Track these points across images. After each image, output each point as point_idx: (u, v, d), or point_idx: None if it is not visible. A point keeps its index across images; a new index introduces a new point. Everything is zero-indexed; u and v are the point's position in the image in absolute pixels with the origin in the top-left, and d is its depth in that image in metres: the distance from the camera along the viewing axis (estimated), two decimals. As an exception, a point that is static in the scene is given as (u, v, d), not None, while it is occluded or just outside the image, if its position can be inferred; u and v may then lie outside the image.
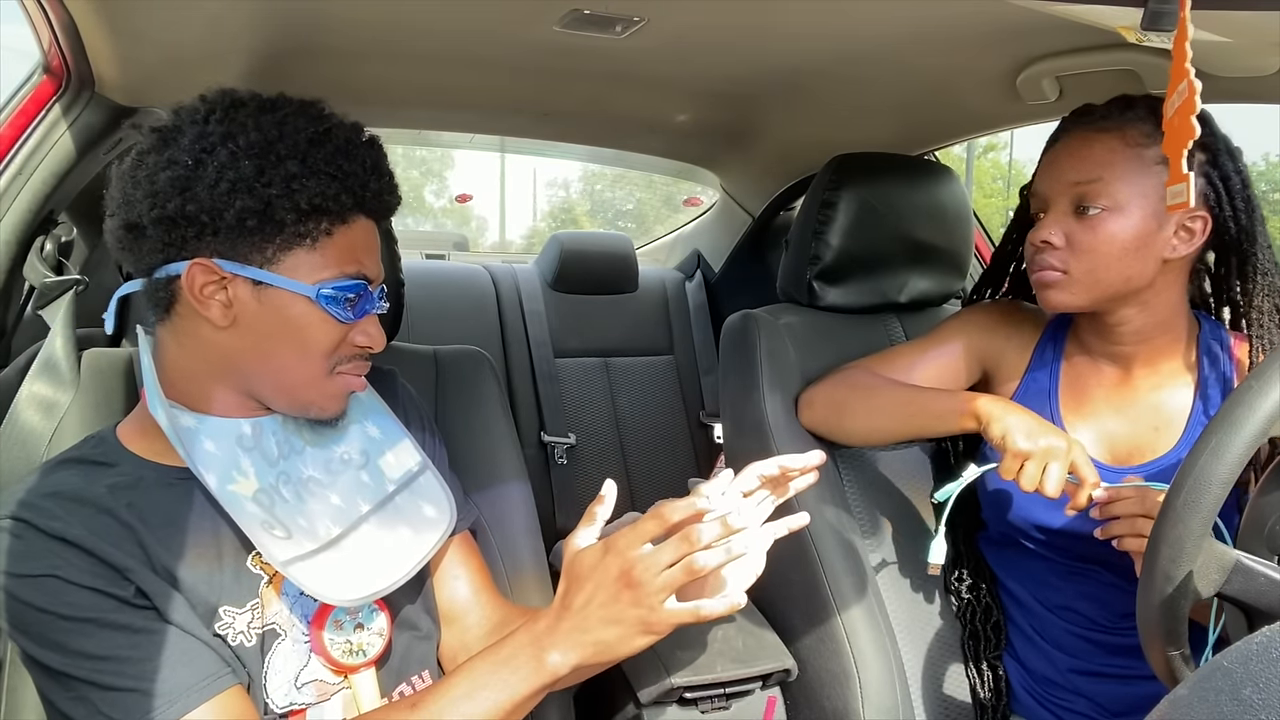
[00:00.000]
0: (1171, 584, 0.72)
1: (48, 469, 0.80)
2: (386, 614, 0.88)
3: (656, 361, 2.35)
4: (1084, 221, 1.01)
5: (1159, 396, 1.06)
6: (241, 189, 0.75)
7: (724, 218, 2.40)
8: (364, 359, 0.87)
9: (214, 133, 0.77)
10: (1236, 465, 0.70)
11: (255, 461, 0.83)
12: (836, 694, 1.13)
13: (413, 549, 0.88)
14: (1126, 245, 1.00)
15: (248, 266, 0.78)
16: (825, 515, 1.19)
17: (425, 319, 2.05)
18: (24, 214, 1.13)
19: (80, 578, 0.73)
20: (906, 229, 1.36)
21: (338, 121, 0.82)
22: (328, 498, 0.86)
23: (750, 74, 1.47)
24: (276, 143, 0.77)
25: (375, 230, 0.86)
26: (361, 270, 0.83)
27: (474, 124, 1.96)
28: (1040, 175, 1.07)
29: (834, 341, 1.34)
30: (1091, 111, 1.05)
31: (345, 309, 0.82)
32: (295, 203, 0.77)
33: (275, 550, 0.79)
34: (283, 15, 1.19)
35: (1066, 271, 1.02)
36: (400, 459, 0.93)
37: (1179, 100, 0.65)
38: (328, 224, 0.80)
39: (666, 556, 0.72)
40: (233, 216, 0.76)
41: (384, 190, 0.84)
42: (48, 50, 1.13)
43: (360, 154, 0.81)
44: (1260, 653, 0.44)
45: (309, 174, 0.77)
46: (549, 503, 2.10)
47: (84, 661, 0.72)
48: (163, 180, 0.76)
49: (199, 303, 0.79)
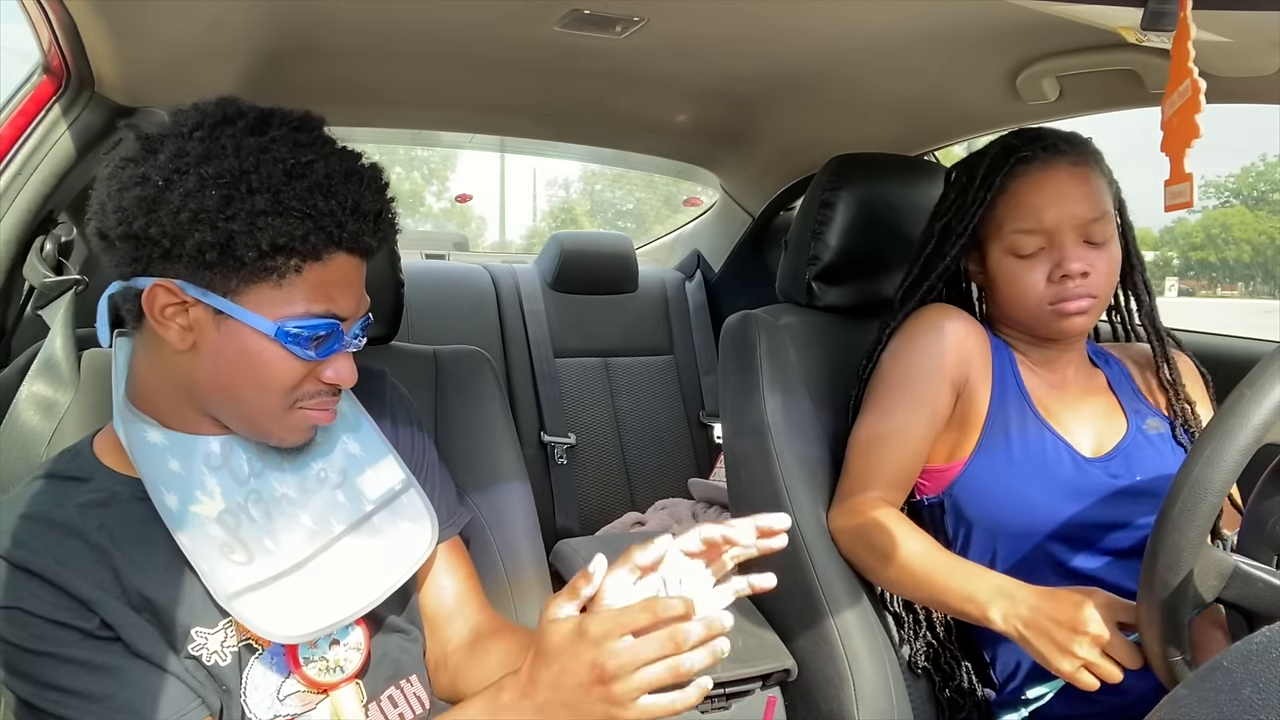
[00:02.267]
0: (1169, 590, 0.72)
1: (23, 486, 0.79)
2: (364, 628, 0.85)
3: (656, 361, 2.35)
4: (1097, 250, 1.08)
5: (1092, 389, 1.16)
6: (203, 221, 0.71)
7: (724, 218, 2.40)
8: (331, 394, 0.82)
9: (191, 153, 0.73)
10: (1232, 473, 0.71)
11: (223, 480, 0.81)
12: (831, 696, 1.13)
13: (387, 571, 0.85)
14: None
15: (210, 294, 0.75)
16: (820, 517, 1.19)
17: (425, 319, 2.05)
18: (24, 214, 1.13)
19: (44, 610, 0.72)
20: (906, 229, 1.36)
21: (327, 151, 0.76)
22: (299, 517, 0.83)
23: (750, 74, 1.47)
24: (250, 173, 0.72)
25: (358, 265, 0.80)
26: (331, 309, 0.77)
27: (474, 124, 1.96)
28: (1045, 212, 1.07)
29: (834, 341, 1.34)
30: (1063, 145, 1.10)
31: (308, 348, 0.77)
32: (257, 241, 0.72)
33: (224, 581, 0.77)
34: (282, 15, 1.19)
35: (1096, 297, 1.08)
36: (381, 476, 0.89)
37: (1180, 100, 0.65)
38: (297, 261, 0.74)
39: (647, 654, 0.67)
40: (192, 247, 0.72)
41: (363, 231, 0.77)
42: (48, 50, 1.13)
43: (341, 191, 0.75)
44: (1260, 653, 0.44)
45: (277, 211, 0.72)
46: (549, 503, 2.10)
47: (51, 693, 0.72)
48: (130, 198, 0.73)
49: (158, 324, 0.76)
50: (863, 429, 1.17)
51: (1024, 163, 1.10)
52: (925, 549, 1.06)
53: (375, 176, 0.79)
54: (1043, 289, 1.09)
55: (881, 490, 1.14)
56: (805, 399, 1.27)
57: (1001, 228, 1.11)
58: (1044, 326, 1.11)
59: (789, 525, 0.77)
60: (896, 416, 1.14)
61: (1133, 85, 1.18)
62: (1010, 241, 1.10)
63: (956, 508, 1.13)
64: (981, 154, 1.16)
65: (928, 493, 1.16)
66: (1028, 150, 1.10)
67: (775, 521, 0.76)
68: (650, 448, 2.27)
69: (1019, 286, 1.10)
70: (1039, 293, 1.09)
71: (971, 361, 1.13)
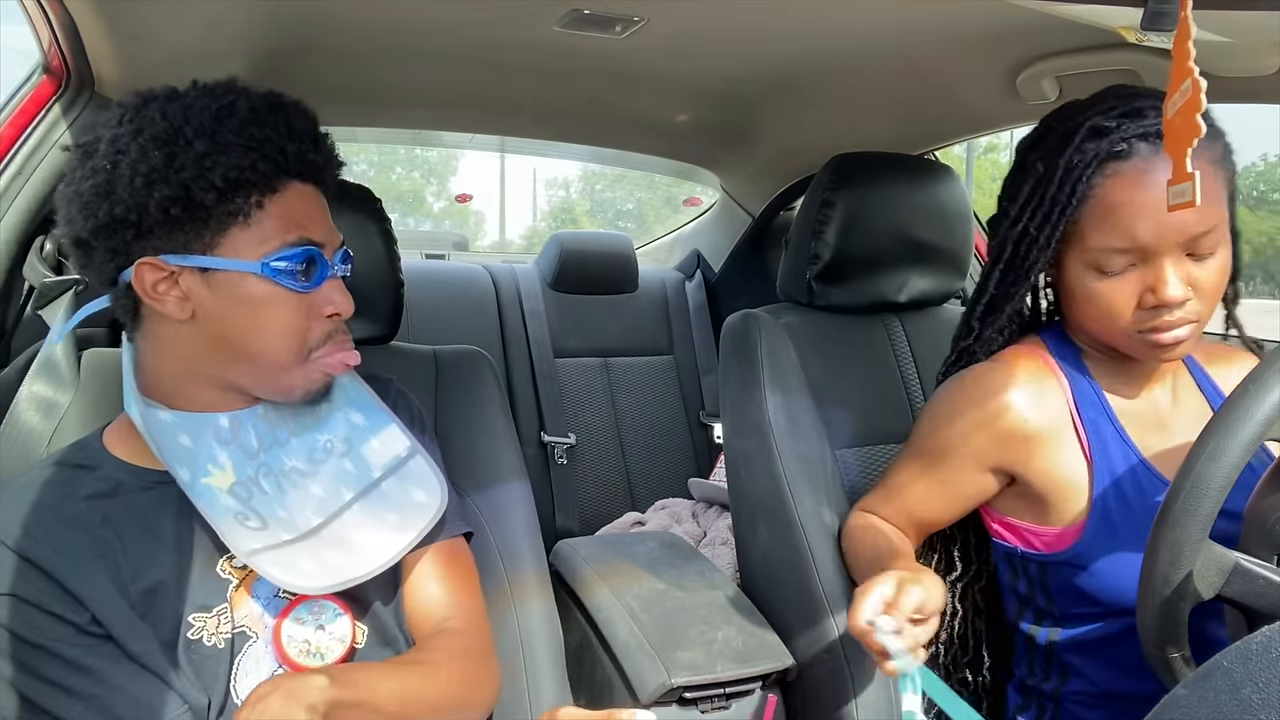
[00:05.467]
0: (1170, 586, 0.73)
1: (35, 472, 0.81)
2: (350, 619, 0.85)
3: (656, 361, 2.35)
4: (1201, 264, 0.89)
5: (1194, 415, 0.99)
6: (157, 179, 0.74)
7: (724, 218, 2.40)
8: (341, 332, 0.85)
9: (124, 134, 0.76)
10: (1234, 469, 0.71)
11: (233, 455, 0.82)
12: (830, 696, 1.13)
13: (399, 535, 0.86)
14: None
15: (190, 255, 0.77)
16: (821, 516, 1.19)
17: (425, 319, 2.05)
18: (24, 214, 1.13)
19: (40, 600, 0.74)
20: (906, 229, 1.36)
21: (247, 91, 0.80)
22: (309, 487, 0.84)
23: (750, 74, 1.47)
24: (183, 127, 0.76)
25: (316, 194, 0.84)
26: (305, 235, 0.80)
27: (474, 124, 1.96)
28: (1139, 225, 0.86)
29: (834, 341, 1.34)
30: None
31: (297, 279, 0.80)
32: (210, 181, 0.75)
33: (242, 541, 0.78)
34: (283, 15, 1.19)
35: (1198, 320, 0.90)
36: (387, 445, 0.91)
37: (1181, 99, 0.65)
38: (257, 196, 0.78)
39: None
40: (156, 209, 0.75)
41: (306, 151, 0.81)
42: (48, 50, 1.13)
43: (271, 119, 0.79)
44: (1260, 652, 0.44)
45: (219, 149, 0.75)
46: (549, 503, 2.10)
47: (38, 684, 0.74)
48: (87, 191, 0.76)
49: (155, 301, 0.78)
50: (902, 469, 1.08)
51: (1118, 159, 0.88)
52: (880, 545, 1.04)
53: (300, 108, 0.83)
54: (1131, 316, 0.90)
55: (899, 524, 1.09)
56: (806, 398, 1.27)
57: (1084, 239, 0.91)
58: (1132, 351, 0.94)
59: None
60: (921, 485, 1.05)
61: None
62: (1094, 258, 0.90)
63: (1067, 583, 0.97)
64: (1064, 135, 0.92)
65: (1013, 542, 1.02)
66: (1123, 140, 0.88)
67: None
68: (650, 448, 2.27)
69: (1101, 308, 0.91)
70: (1127, 320, 0.90)
71: (1040, 442, 0.96)
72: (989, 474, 1.00)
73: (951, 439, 1.01)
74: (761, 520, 1.26)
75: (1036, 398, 0.97)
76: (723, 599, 1.24)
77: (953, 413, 1.01)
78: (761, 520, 1.26)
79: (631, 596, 1.23)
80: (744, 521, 1.32)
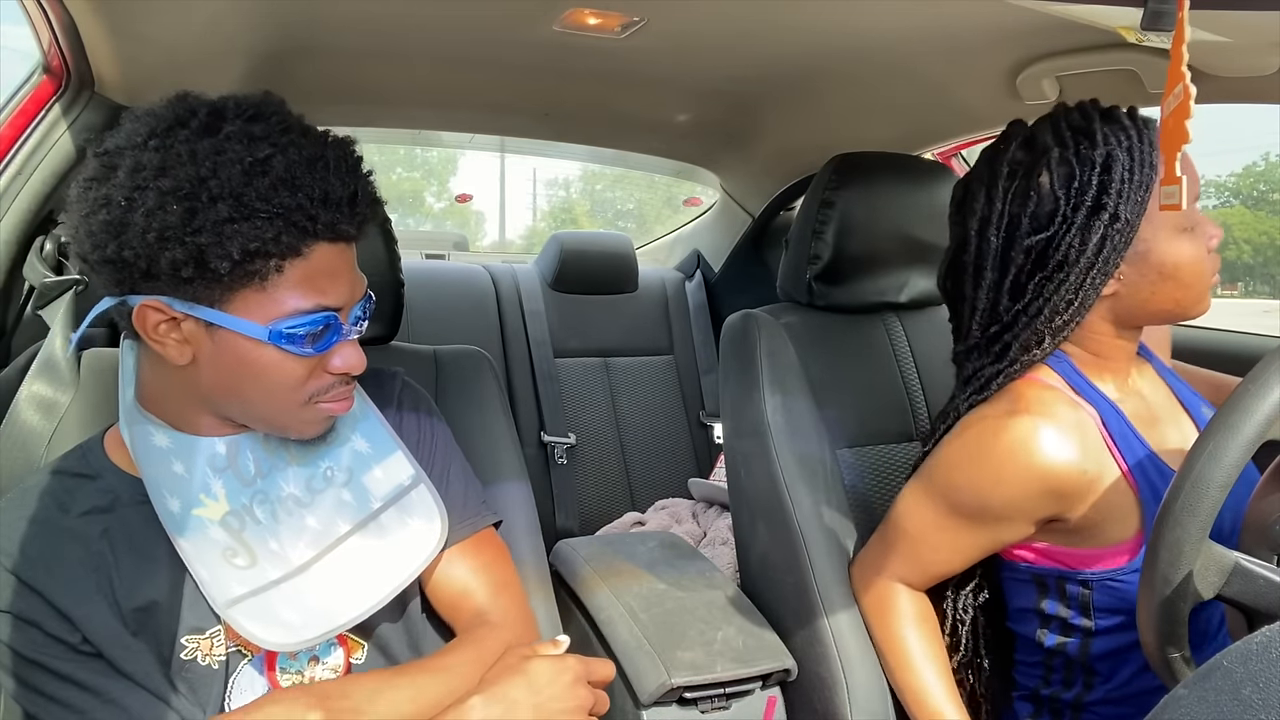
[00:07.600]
0: (1170, 586, 0.73)
1: (34, 480, 0.80)
2: (344, 651, 0.84)
3: (656, 361, 2.35)
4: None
5: (1157, 393, 1.05)
6: (170, 239, 0.69)
7: (724, 218, 2.40)
8: (344, 384, 0.80)
9: (148, 165, 0.70)
10: (1234, 469, 0.71)
11: (228, 482, 0.80)
12: (826, 698, 1.13)
13: (389, 577, 0.83)
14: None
15: (197, 307, 0.73)
16: (821, 517, 1.19)
17: (425, 319, 2.05)
18: (24, 214, 1.13)
19: (35, 617, 0.74)
20: (906, 229, 1.36)
21: (285, 142, 0.72)
22: (305, 518, 0.82)
23: (750, 74, 1.47)
24: (209, 179, 0.69)
25: (343, 251, 0.76)
26: (322, 302, 0.74)
27: (474, 124, 1.96)
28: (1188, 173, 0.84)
29: (834, 341, 1.34)
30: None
31: (304, 345, 0.75)
32: (228, 251, 0.69)
33: (226, 586, 0.77)
34: (282, 15, 1.19)
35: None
36: (390, 473, 0.87)
37: (1175, 102, 0.65)
38: (276, 261, 0.72)
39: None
40: (166, 265, 0.70)
41: (338, 220, 0.73)
42: (48, 50, 1.13)
43: (306, 182, 0.71)
44: (1260, 652, 0.44)
45: (243, 216, 0.69)
46: (549, 503, 2.10)
47: (36, 698, 0.74)
48: (98, 223, 0.71)
49: (154, 342, 0.75)
50: (914, 514, 1.03)
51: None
52: (925, 672, 1.04)
53: (343, 157, 0.75)
54: (1208, 265, 0.93)
55: (915, 581, 1.08)
56: (806, 398, 1.27)
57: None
58: (1190, 308, 0.95)
59: None
60: (954, 541, 1.01)
61: (1133, 85, 1.18)
62: (1180, 220, 0.91)
63: (1117, 594, 0.96)
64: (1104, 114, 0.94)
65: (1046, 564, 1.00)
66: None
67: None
68: (650, 448, 2.27)
69: (1195, 271, 0.93)
70: (1208, 273, 0.93)
71: (1094, 482, 0.93)
72: (1035, 524, 0.97)
73: (1002, 504, 0.95)
74: (761, 521, 1.26)
75: (1081, 442, 0.93)
76: (723, 599, 1.24)
77: (999, 477, 0.94)
78: (761, 521, 1.26)
79: (631, 596, 1.23)
80: (743, 522, 1.32)
